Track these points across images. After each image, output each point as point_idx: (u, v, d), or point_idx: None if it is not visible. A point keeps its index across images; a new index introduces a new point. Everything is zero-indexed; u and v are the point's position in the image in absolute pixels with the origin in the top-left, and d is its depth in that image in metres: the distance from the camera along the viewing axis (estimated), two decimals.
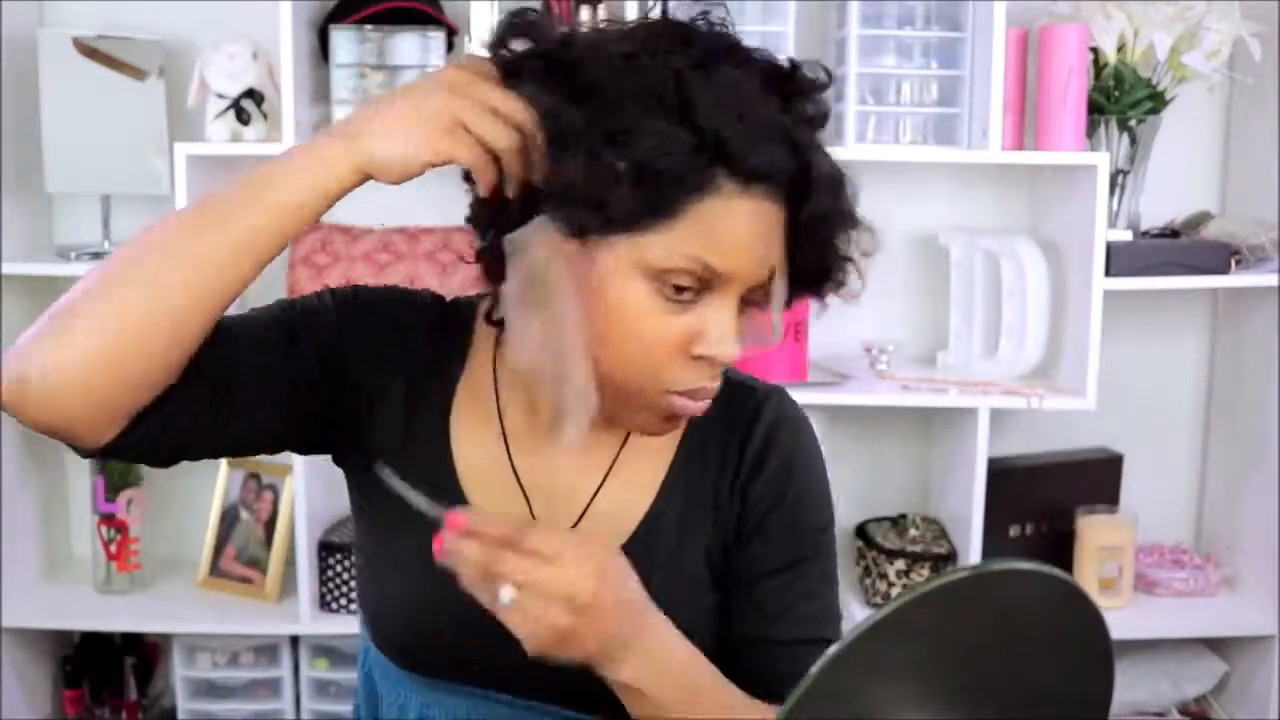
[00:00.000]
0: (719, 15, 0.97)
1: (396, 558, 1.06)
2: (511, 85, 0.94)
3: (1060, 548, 2.38)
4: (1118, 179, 2.30)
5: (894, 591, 2.32)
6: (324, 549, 2.33)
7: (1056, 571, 0.74)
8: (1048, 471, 2.45)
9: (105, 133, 2.30)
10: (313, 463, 2.27)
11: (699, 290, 0.94)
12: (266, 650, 2.43)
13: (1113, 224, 2.28)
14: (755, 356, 1.17)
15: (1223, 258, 2.24)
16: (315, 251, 2.36)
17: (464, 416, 1.08)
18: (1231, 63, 2.30)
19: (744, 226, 0.93)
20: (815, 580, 1.09)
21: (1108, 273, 2.20)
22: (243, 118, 2.23)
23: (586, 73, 0.91)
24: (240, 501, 2.46)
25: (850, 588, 2.43)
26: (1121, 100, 2.27)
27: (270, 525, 2.42)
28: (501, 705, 1.07)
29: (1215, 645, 2.48)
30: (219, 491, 2.46)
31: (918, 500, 2.52)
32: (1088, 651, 0.79)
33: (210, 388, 0.97)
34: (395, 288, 1.12)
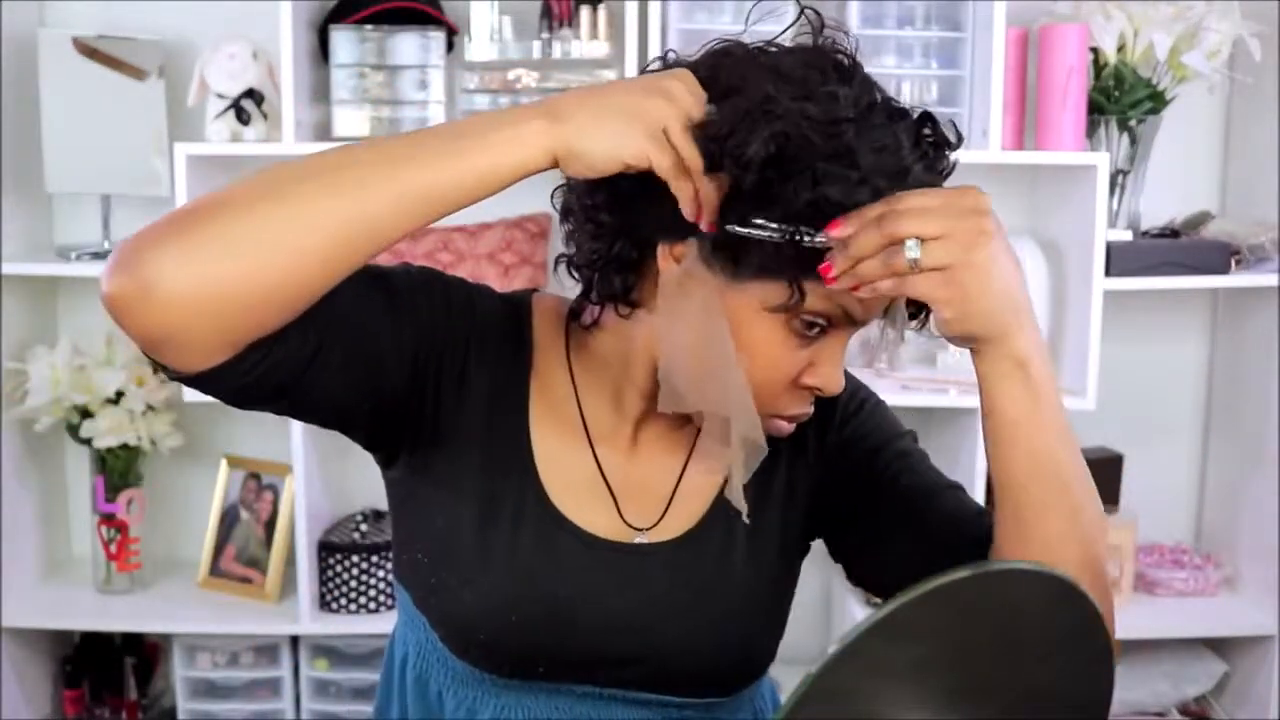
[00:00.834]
0: (851, 42, 0.98)
1: (487, 553, 1.06)
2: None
3: None
4: (1118, 179, 2.30)
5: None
6: (324, 549, 2.33)
7: (1056, 571, 0.74)
8: None
9: (105, 133, 2.30)
10: (313, 463, 2.27)
11: (826, 328, 0.97)
12: (266, 650, 2.43)
13: (1113, 224, 2.28)
14: None
15: (1223, 258, 2.24)
16: None
17: (540, 411, 1.08)
18: (1231, 63, 2.30)
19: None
20: (919, 454, 1.16)
21: (1108, 273, 2.20)
22: (243, 118, 2.23)
23: (776, 124, 0.91)
24: (240, 501, 2.46)
25: (850, 588, 2.43)
26: (1121, 100, 2.27)
27: (270, 525, 2.42)
28: (584, 700, 1.08)
29: (1215, 645, 2.48)
30: (219, 491, 2.46)
31: None
32: (1087, 651, 0.79)
33: (318, 335, 0.94)
34: (461, 277, 1.11)
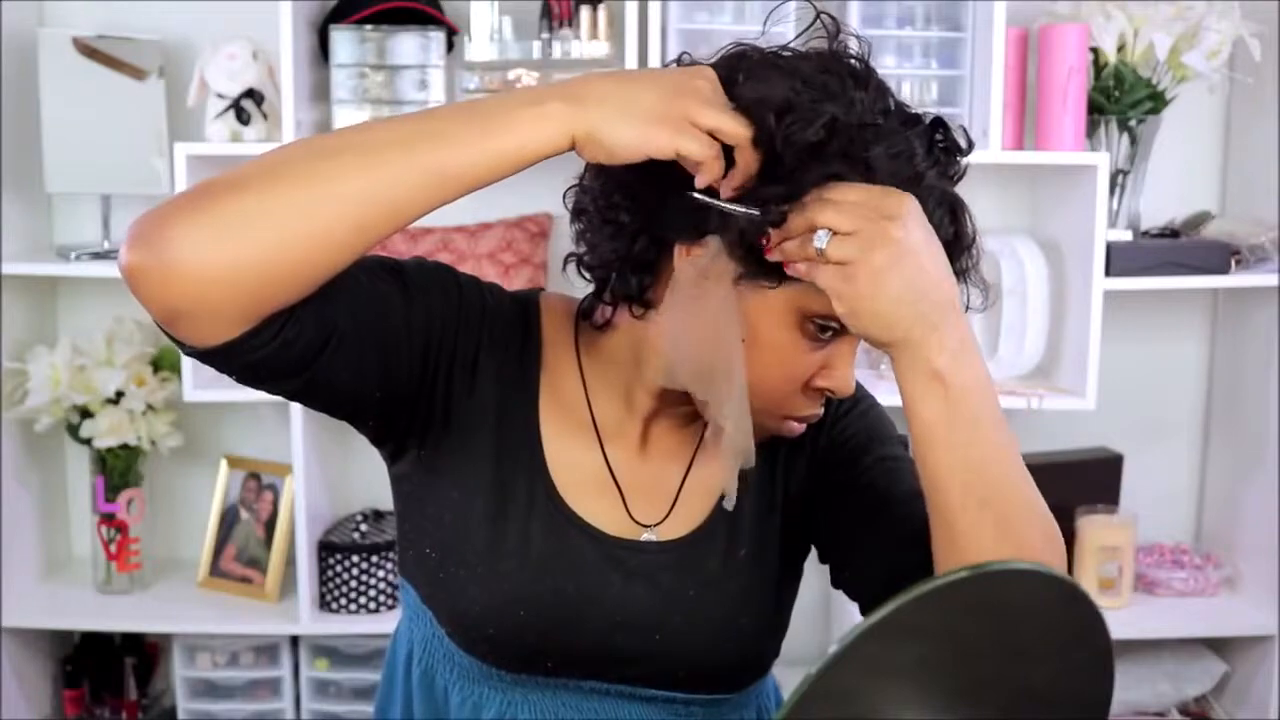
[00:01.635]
0: (864, 47, 0.98)
1: (497, 548, 1.06)
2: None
3: None
4: (1118, 179, 2.30)
5: None
6: (324, 549, 2.33)
7: (1056, 571, 0.74)
8: (1048, 471, 2.43)
9: (105, 133, 2.30)
10: (313, 463, 2.27)
11: (839, 331, 0.97)
12: (266, 650, 2.43)
13: (1113, 224, 2.28)
14: None
15: (1223, 258, 2.24)
16: None
17: (549, 407, 1.09)
18: (1231, 63, 2.30)
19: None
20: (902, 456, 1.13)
21: (1108, 273, 2.20)
22: (243, 118, 2.23)
23: (791, 129, 0.92)
24: (240, 501, 2.46)
25: None
26: (1121, 100, 2.27)
27: (270, 525, 2.42)
28: (590, 696, 1.09)
29: (1215, 645, 2.48)
30: (219, 491, 2.46)
31: None
32: (1088, 651, 0.79)
33: (334, 315, 0.93)
34: (473, 275, 1.11)
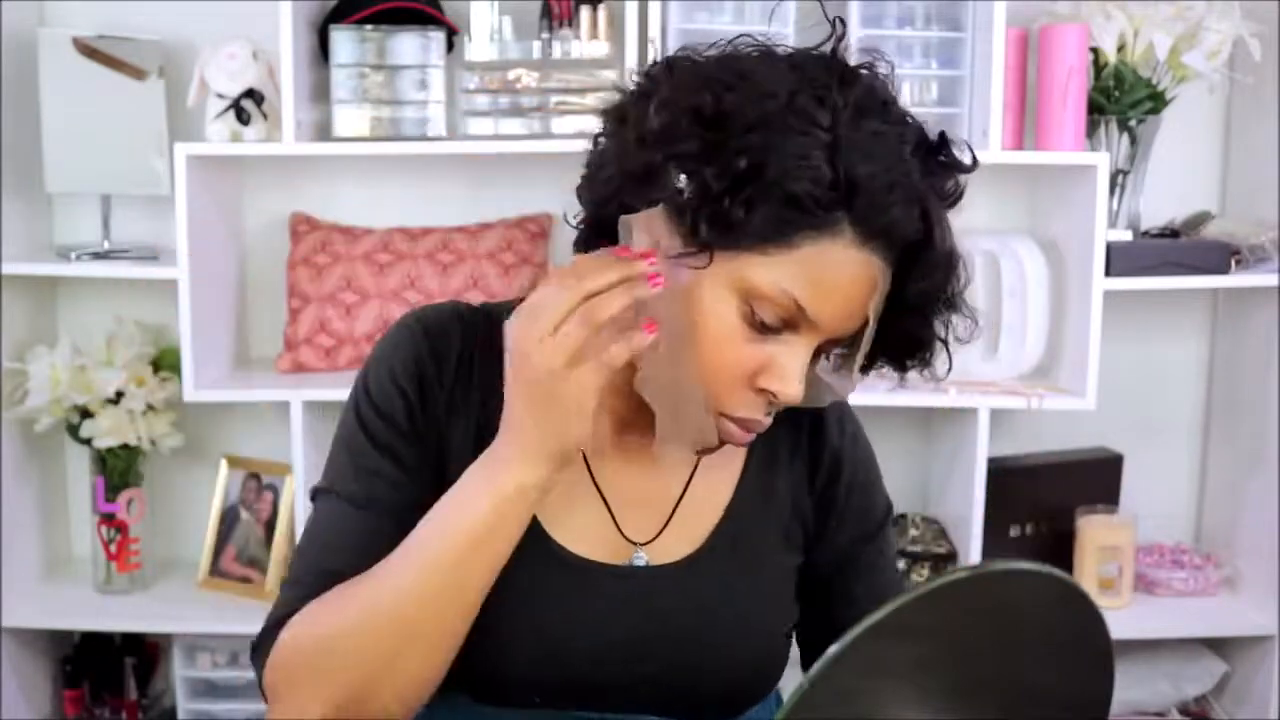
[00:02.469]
0: (885, 68, 0.98)
1: (530, 588, 1.05)
2: (661, 95, 0.95)
3: (1060, 548, 2.38)
4: (1118, 179, 2.30)
5: None
6: None
7: (1056, 571, 0.74)
8: (1048, 471, 2.45)
9: (105, 133, 2.30)
10: (313, 463, 2.27)
11: (782, 327, 0.95)
12: None
13: (1113, 224, 2.28)
14: None
15: (1223, 258, 2.24)
16: (315, 251, 2.36)
17: None
18: (1231, 63, 2.29)
19: (849, 278, 0.93)
20: (889, 549, 1.18)
21: (1108, 273, 2.20)
22: (243, 118, 2.23)
23: (747, 93, 0.92)
24: (240, 501, 2.46)
25: None
26: (1121, 100, 2.27)
27: (270, 525, 2.42)
28: None
29: (1215, 645, 2.48)
30: (219, 491, 2.46)
31: (918, 500, 2.52)
32: (1088, 651, 0.79)
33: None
34: (416, 322, 1.10)
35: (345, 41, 2.23)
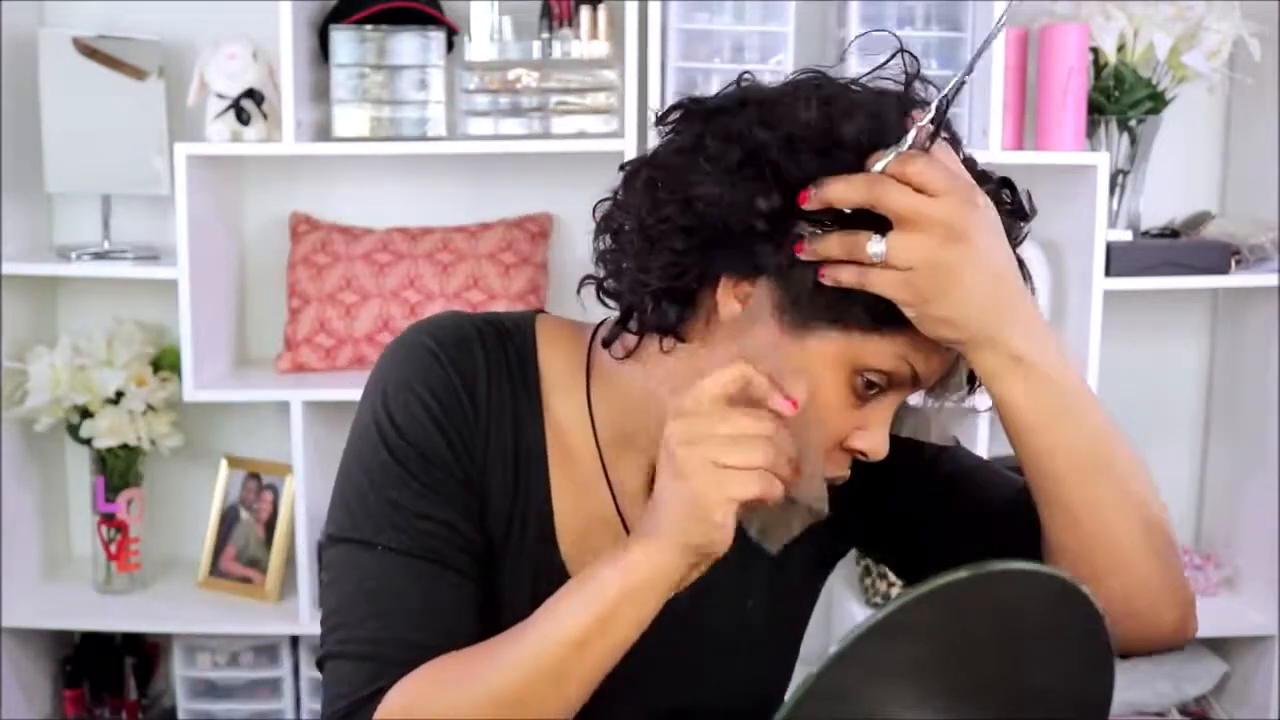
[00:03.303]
0: (910, 64, 0.94)
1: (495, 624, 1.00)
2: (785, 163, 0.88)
3: None
4: (1118, 179, 2.30)
5: (894, 591, 2.32)
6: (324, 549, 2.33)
7: (1056, 571, 0.74)
8: None
9: (105, 133, 2.30)
10: (313, 463, 2.27)
11: (885, 388, 0.91)
12: (266, 650, 2.43)
13: (1113, 224, 2.28)
14: None
15: (1223, 258, 2.24)
16: (315, 251, 2.36)
17: (557, 460, 1.02)
18: (1231, 63, 2.29)
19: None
20: (960, 462, 1.09)
21: (1108, 273, 2.20)
22: (243, 118, 2.23)
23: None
24: (240, 501, 2.46)
25: (850, 588, 2.43)
26: (1121, 100, 2.27)
27: (270, 525, 2.42)
28: None
29: (1215, 645, 2.48)
30: (219, 491, 2.46)
31: None
32: (1088, 651, 0.79)
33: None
34: (435, 344, 1.00)
35: (345, 41, 2.23)
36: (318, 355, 2.32)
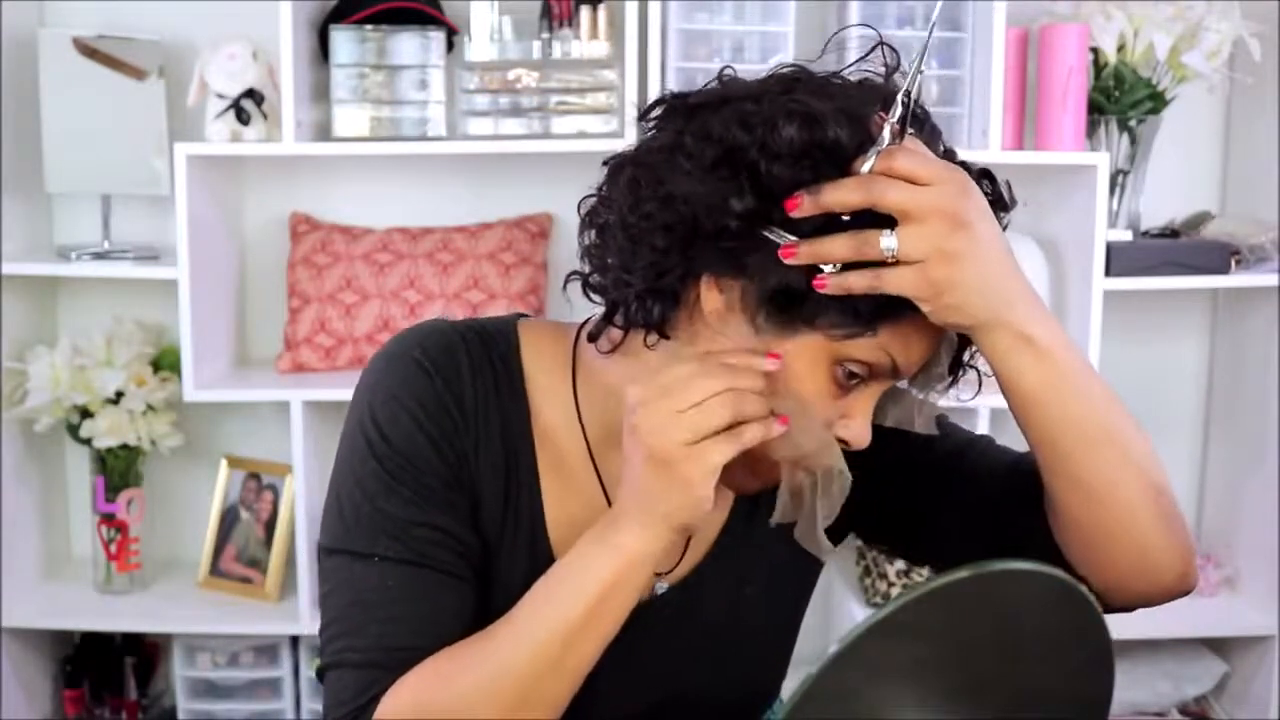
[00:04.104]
0: (890, 56, 0.94)
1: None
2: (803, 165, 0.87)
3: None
4: (1118, 179, 2.30)
5: (894, 591, 2.32)
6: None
7: (1056, 571, 0.74)
8: None
9: (105, 133, 2.30)
10: (313, 463, 2.27)
11: (866, 379, 0.92)
12: (266, 650, 2.43)
13: (1113, 224, 2.28)
14: None
15: (1223, 258, 2.24)
16: (315, 251, 2.36)
17: (546, 461, 1.02)
18: (1231, 63, 2.29)
19: (936, 335, 0.92)
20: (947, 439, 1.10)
21: (1108, 273, 2.20)
22: (243, 118, 2.23)
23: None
24: (240, 501, 2.46)
25: (850, 588, 2.43)
26: (1121, 100, 2.27)
27: (270, 525, 2.42)
28: None
29: (1215, 645, 2.48)
30: (219, 491, 2.46)
31: None
32: (1088, 651, 0.79)
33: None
34: (420, 353, 1.00)
35: (345, 41, 2.23)
36: (318, 355, 2.32)
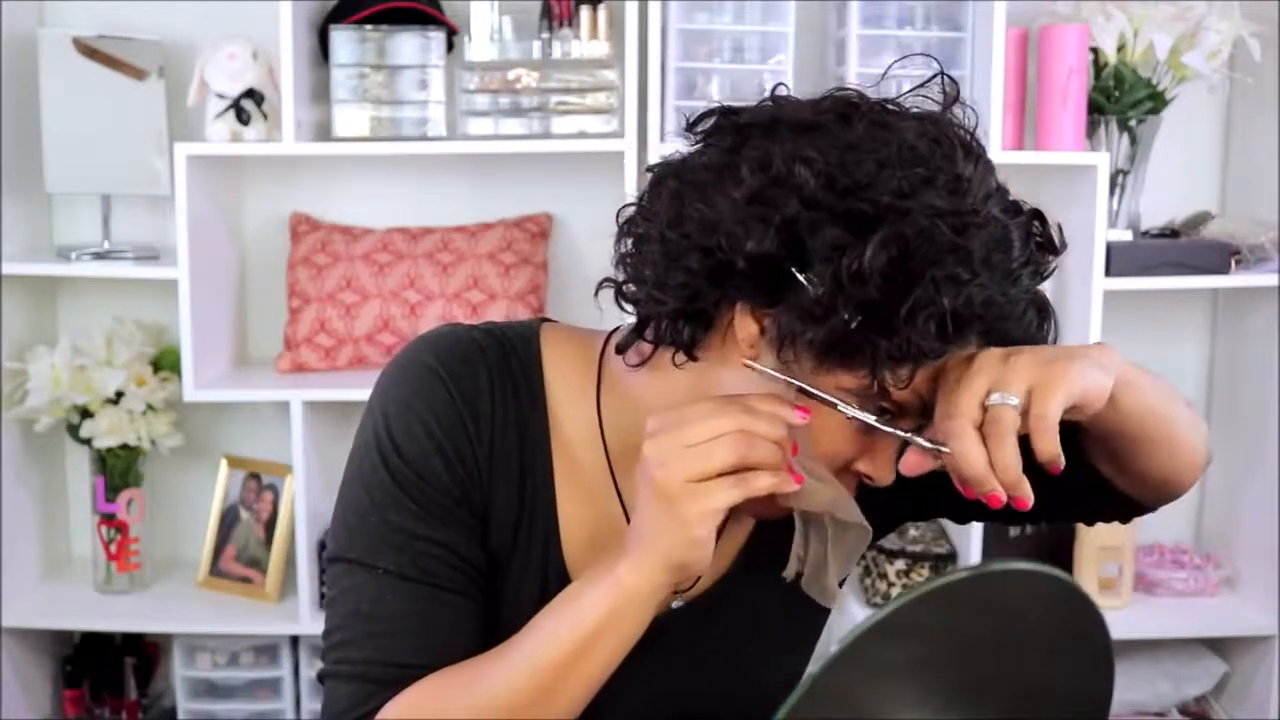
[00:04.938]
0: (970, 116, 0.93)
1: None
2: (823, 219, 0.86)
3: (1060, 548, 2.38)
4: (1118, 179, 2.30)
5: (894, 591, 2.32)
6: (324, 549, 2.33)
7: (1056, 571, 0.74)
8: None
9: (105, 133, 2.30)
10: (313, 463, 2.27)
11: (895, 415, 0.90)
12: (266, 650, 2.43)
13: (1113, 224, 2.28)
14: None
15: (1223, 258, 2.24)
16: (315, 251, 2.36)
17: (563, 472, 1.00)
18: (1231, 63, 2.29)
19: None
20: None
21: (1108, 273, 2.20)
22: (243, 118, 2.23)
23: (902, 222, 0.85)
24: (240, 501, 2.46)
25: (850, 588, 2.43)
26: (1121, 100, 2.27)
27: (270, 525, 2.42)
28: None
29: (1215, 645, 2.48)
30: (219, 491, 2.46)
31: None
32: (1088, 651, 0.79)
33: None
34: (436, 362, 0.98)
35: (345, 41, 2.23)
36: (318, 355, 2.32)
